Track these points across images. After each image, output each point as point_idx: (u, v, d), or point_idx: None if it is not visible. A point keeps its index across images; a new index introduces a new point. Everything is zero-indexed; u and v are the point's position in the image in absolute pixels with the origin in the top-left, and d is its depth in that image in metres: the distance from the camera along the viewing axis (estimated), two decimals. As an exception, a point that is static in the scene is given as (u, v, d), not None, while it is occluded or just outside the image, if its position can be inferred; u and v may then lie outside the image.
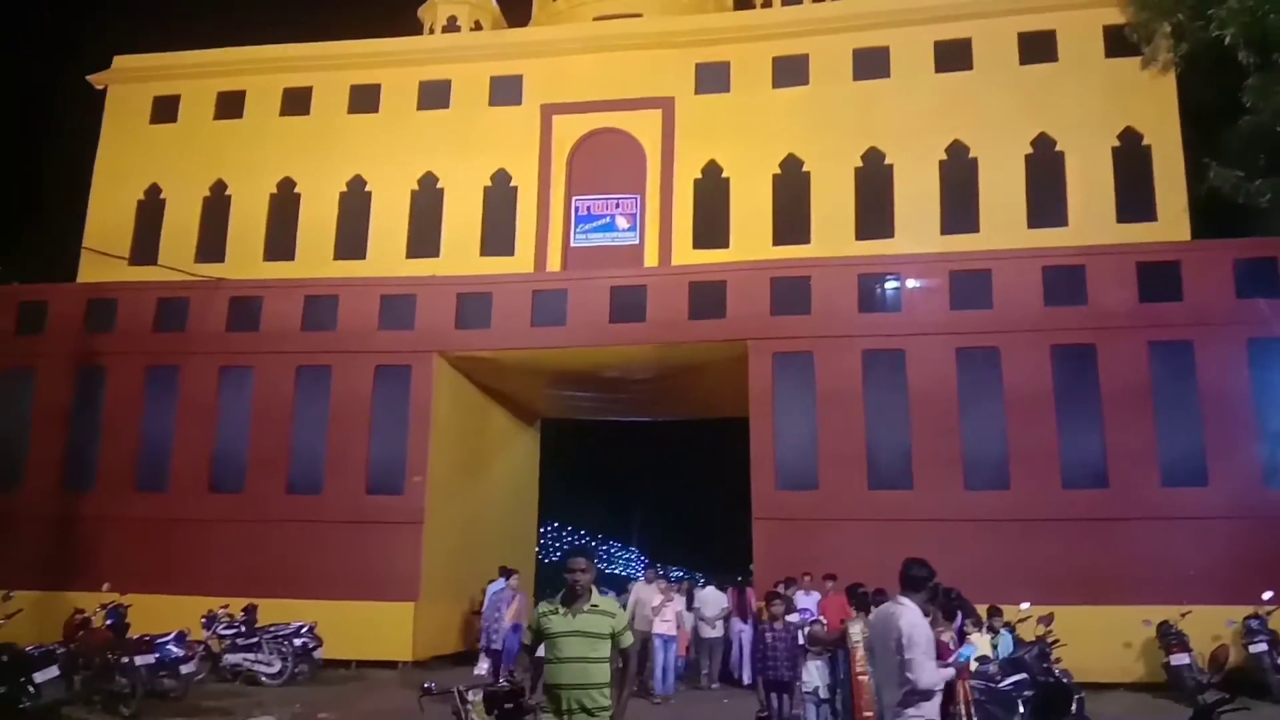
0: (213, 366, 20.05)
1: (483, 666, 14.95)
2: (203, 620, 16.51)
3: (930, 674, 5.42)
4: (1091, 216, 18.42)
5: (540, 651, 5.57)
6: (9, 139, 45.13)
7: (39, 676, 11.21)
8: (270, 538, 18.75)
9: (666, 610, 15.23)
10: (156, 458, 19.82)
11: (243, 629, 16.29)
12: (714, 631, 16.65)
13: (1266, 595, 15.09)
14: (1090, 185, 18.61)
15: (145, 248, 21.58)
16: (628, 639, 5.52)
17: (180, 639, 13.98)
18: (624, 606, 16.63)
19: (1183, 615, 15.16)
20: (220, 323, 20.29)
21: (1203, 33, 16.97)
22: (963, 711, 7.14)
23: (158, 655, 13.19)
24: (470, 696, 6.24)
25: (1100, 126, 18.75)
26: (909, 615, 5.54)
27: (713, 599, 16.78)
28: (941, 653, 7.43)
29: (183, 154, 22.05)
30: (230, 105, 22.34)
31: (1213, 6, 16.54)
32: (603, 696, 5.31)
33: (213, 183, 21.86)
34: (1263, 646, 14.60)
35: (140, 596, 16.71)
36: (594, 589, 5.51)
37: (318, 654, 16.36)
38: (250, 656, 15.87)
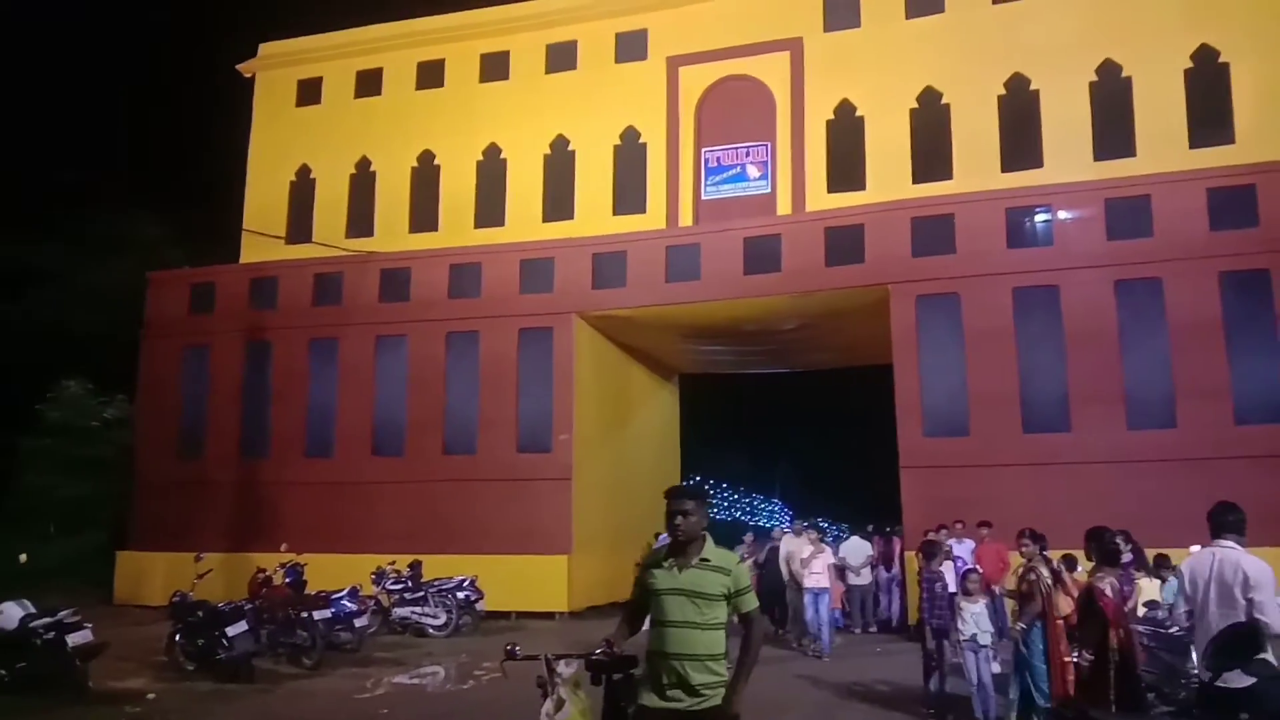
0: (369, 336, 21.04)
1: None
2: (372, 576, 17.39)
3: None
4: (1262, 130, 16.96)
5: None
6: (171, 132, 48.16)
7: (231, 630, 12.11)
8: (430, 497, 19.65)
9: (816, 562, 14.30)
10: (322, 425, 21.03)
11: (409, 584, 17.12)
12: (860, 580, 16.88)
13: None
14: (1261, 97, 17.12)
15: (300, 226, 22.72)
16: (749, 602, 4.41)
17: (353, 594, 14.86)
18: (766, 560, 16.46)
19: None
20: (373, 294, 21.24)
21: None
22: (1116, 659, 6.86)
23: (334, 610, 14.07)
24: (561, 667, 5.12)
25: (1270, 31, 17.19)
26: (1251, 560, 5.42)
27: (857, 548, 17.06)
28: (1097, 598, 7.17)
29: (328, 134, 23.02)
30: (369, 83, 23.14)
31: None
32: (712, 672, 4.29)
33: (358, 160, 22.76)
34: None
35: (315, 555, 17.75)
36: (708, 539, 4.48)
37: (480, 606, 17.07)
38: (417, 610, 16.70)
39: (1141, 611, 9.99)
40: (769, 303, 19.34)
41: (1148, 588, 10.64)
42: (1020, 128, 18.47)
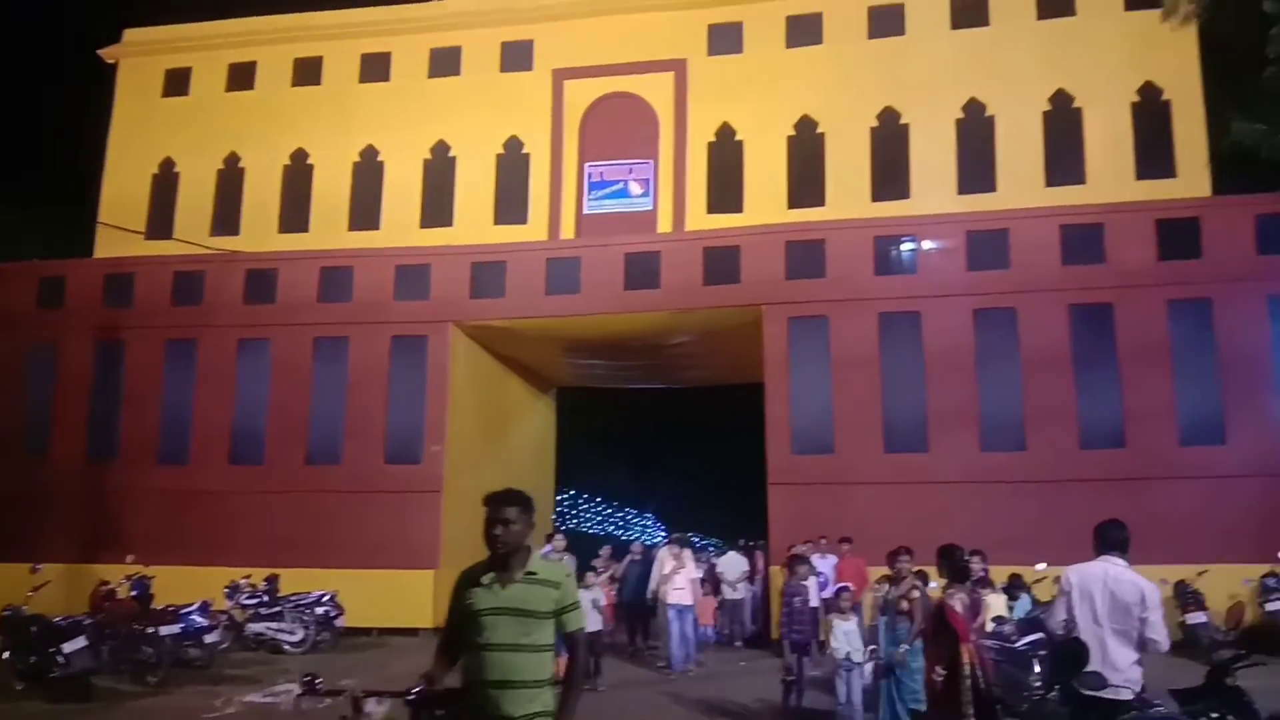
0: (230, 339, 20.19)
1: None
2: (226, 590, 16.72)
3: (1167, 636, 5.54)
4: (1110, 173, 18.17)
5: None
6: (22, 117, 45.26)
7: (67, 647, 11.42)
8: (291, 508, 18.95)
9: (678, 578, 13.80)
10: (177, 430, 20.04)
11: (265, 598, 16.50)
12: (735, 594, 17.29)
13: (1285, 553, 15.06)
14: (1109, 142, 18.33)
15: (160, 222, 21.64)
16: (575, 620, 3.98)
17: (204, 609, 14.20)
18: (625, 575, 15.84)
19: (1199, 574, 15.14)
20: (237, 295, 20.40)
21: (1225, -18, 16.70)
22: (967, 673, 7.14)
23: (182, 625, 13.41)
24: (371, 706, 4.41)
25: (1119, 81, 18.43)
26: (1145, 580, 5.63)
27: (734, 562, 17.47)
28: (948, 615, 7.45)
29: (196, 127, 22.03)
30: (242, 77, 22.28)
31: (1235, -45, 16.27)
32: (537, 700, 3.83)
33: (226, 155, 21.86)
34: (1279, 604, 14.58)
35: (164, 568, 16.92)
36: (533, 550, 4.02)
37: (339, 622, 16.58)
38: (273, 625, 16.09)
39: (990, 627, 10.44)
40: (648, 318, 19.49)
41: (995, 604, 11.12)
42: (890, 159, 19.21)
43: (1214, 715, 5.07)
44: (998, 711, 7.27)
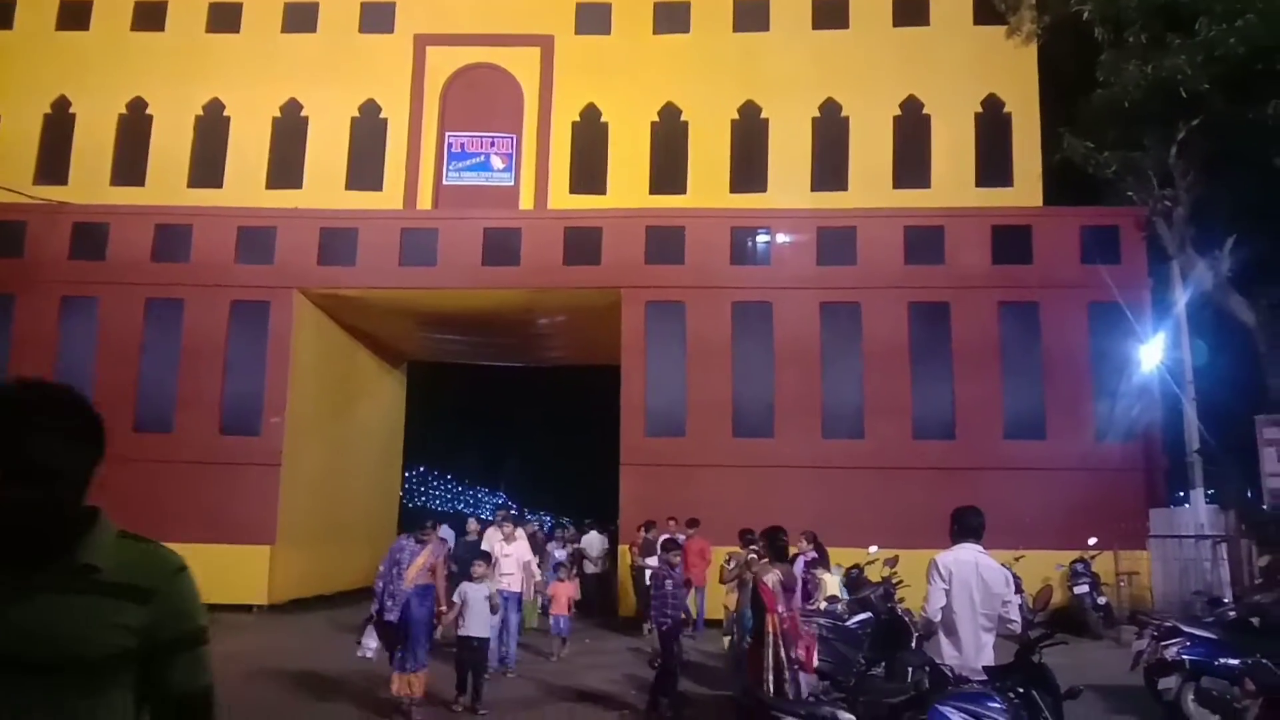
0: (54, 296, 18.78)
1: (369, 645, 9.45)
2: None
3: (1021, 618, 5.95)
4: (953, 180, 19.12)
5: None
6: None
7: None
8: (115, 478, 17.65)
9: (506, 561, 11.90)
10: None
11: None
12: (596, 568, 18.94)
13: (1091, 541, 16.36)
14: (953, 149, 19.27)
15: (-26, 165, 19.88)
16: (194, 670, 1.95)
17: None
18: (458, 553, 12.43)
19: (1016, 559, 16.16)
20: (62, 250, 18.97)
21: (1063, 7, 17.81)
22: (769, 642, 7.39)
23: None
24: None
25: (965, 92, 19.40)
26: (1000, 565, 5.91)
27: (595, 540, 19.38)
28: (760, 588, 7.70)
29: (21, 67, 20.29)
30: (75, 16, 20.64)
31: (1074, -18, 17.36)
32: None
33: (54, 99, 20.25)
34: (1085, 588, 15.86)
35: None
36: (101, 522, 1.92)
37: (166, 598, 15.72)
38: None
39: (823, 605, 10.86)
40: (505, 295, 19.28)
41: (830, 583, 11.58)
42: (749, 152, 19.62)
43: (1020, 690, 5.43)
44: (800, 684, 7.51)
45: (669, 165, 19.73)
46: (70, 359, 18.62)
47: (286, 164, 19.96)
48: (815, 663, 7.66)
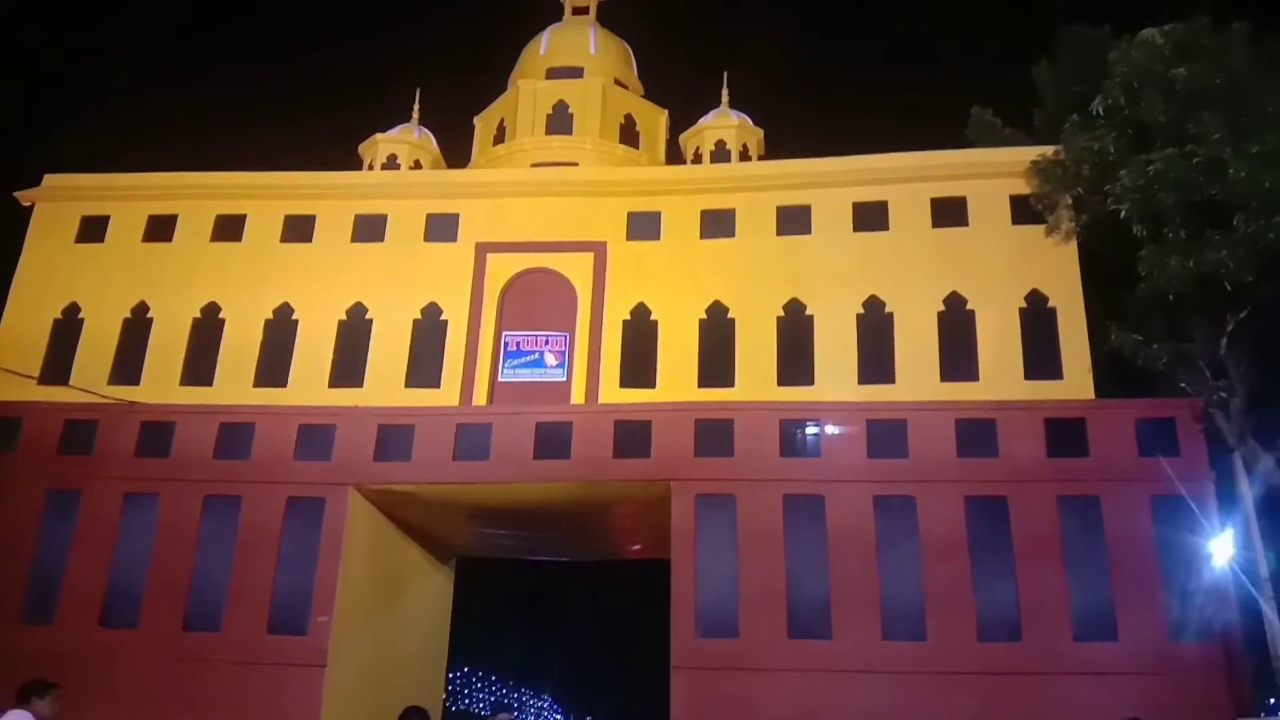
0: (117, 492, 19.26)
1: None
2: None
3: None
4: (1001, 372, 19.16)
5: None
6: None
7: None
8: (163, 677, 17.59)
9: None
10: (46, 586, 18.70)
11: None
12: None
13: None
14: (999, 343, 19.43)
15: (57, 367, 20.95)
16: None
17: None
18: None
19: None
20: (129, 447, 19.60)
21: (1101, 206, 18.40)
22: None
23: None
24: None
25: (1008, 288, 19.75)
26: None
27: None
28: None
29: (106, 274, 21.76)
30: (161, 228, 22.24)
31: (1109, 183, 18.03)
32: None
33: (135, 304, 21.53)
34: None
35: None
36: None
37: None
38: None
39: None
40: (556, 488, 19.32)
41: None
42: (796, 346, 19.99)
43: None
44: None
45: (717, 360, 20.12)
46: (127, 555, 18.88)
47: (349, 363, 20.73)
48: None
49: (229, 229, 22.15)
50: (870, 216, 20.78)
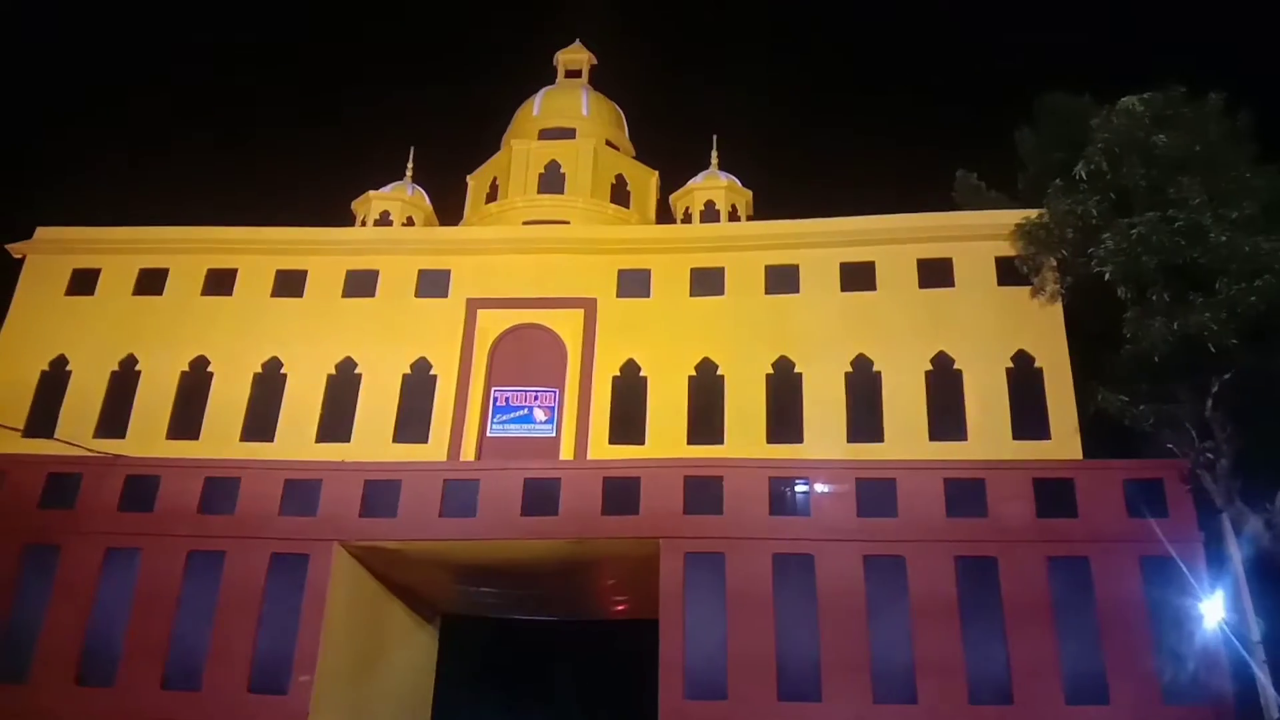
0: (98, 547, 18.99)
1: None
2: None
3: None
4: (989, 432, 19.20)
5: None
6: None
7: None
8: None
9: None
10: (19, 645, 18.33)
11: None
12: None
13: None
14: (987, 402, 19.50)
15: (43, 420, 20.75)
16: None
17: None
18: None
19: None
20: (112, 501, 19.39)
21: (1085, 268, 18.66)
22: None
23: None
24: None
25: (995, 348, 19.88)
26: None
27: None
28: None
29: (95, 327, 21.70)
30: (151, 282, 22.24)
31: (1093, 245, 18.32)
32: None
33: (123, 357, 21.43)
34: None
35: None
36: None
37: None
38: None
39: None
40: (544, 545, 19.13)
41: None
42: (785, 404, 20.02)
43: None
44: None
45: (706, 417, 20.12)
46: (106, 611, 18.55)
47: (337, 418, 20.63)
48: None
49: (220, 283, 22.17)
50: (858, 276, 20.98)
